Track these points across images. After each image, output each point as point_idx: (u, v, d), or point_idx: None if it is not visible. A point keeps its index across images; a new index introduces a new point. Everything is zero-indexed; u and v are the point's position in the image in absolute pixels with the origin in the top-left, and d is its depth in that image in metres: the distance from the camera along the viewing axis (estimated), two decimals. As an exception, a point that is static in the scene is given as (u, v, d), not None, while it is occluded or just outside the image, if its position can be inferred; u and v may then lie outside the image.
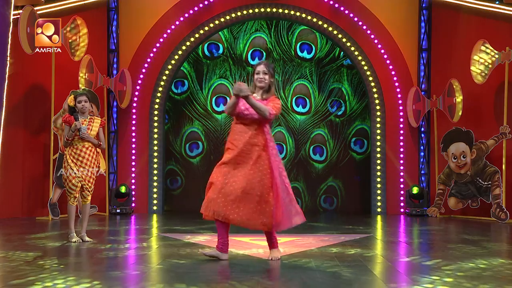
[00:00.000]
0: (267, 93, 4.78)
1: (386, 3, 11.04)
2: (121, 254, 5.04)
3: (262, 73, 4.78)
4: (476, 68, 9.47)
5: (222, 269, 4.22)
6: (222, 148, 11.98)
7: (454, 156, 9.86)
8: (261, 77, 4.77)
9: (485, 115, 9.93)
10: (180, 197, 11.89)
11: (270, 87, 4.80)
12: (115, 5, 11.07)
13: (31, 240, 6.02)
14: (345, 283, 3.67)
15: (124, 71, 10.66)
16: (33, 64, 9.36)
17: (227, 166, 4.70)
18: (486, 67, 9.36)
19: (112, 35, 11.04)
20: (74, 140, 5.85)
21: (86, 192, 5.94)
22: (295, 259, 4.76)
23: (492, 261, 4.65)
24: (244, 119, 4.69)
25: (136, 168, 10.90)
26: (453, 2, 10.40)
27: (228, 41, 11.95)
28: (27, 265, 4.31)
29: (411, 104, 10.57)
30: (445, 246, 5.83)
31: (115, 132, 11.01)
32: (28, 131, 9.52)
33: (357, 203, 11.77)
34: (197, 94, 11.98)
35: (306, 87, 11.94)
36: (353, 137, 11.92)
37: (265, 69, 4.78)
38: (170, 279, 3.82)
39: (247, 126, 4.68)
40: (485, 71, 9.37)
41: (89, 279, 3.73)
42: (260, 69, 4.79)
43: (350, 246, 5.63)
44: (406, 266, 4.58)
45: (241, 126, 4.70)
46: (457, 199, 9.91)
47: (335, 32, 10.89)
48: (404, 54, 10.88)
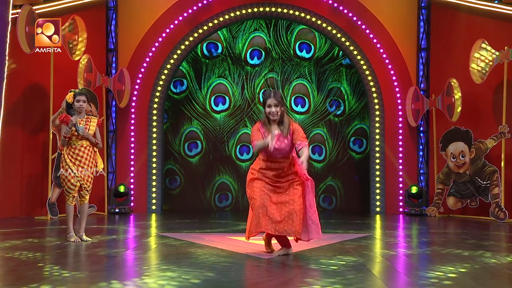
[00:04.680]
0: (282, 123, 4.88)
1: (385, 3, 11.03)
2: (119, 254, 5.04)
3: (274, 106, 4.84)
4: (475, 67, 9.48)
5: (222, 268, 4.21)
6: (220, 147, 12.06)
7: (453, 155, 9.86)
8: (274, 111, 4.84)
9: (484, 114, 9.93)
10: (179, 197, 11.88)
11: (283, 117, 4.89)
12: (114, 5, 11.06)
13: (30, 239, 6.01)
14: (345, 283, 3.66)
15: (123, 70, 10.65)
16: (32, 64, 9.35)
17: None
18: (485, 66, 9.36)
19: (111, 34, 11.03)
20: (72, 140, 5.84)
21: (85, 191, 5.93)
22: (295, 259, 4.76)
23: (492, 261, 4.64)
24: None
25: (135, 167, 10.89)
26: (452, 2, 10.40)
27: (227, 41, 11.95)
28: (26, 265, 4.30)
29: (410, 103, 10.57)
30: (444, 245, 5.83)
31: (114, 132, 11.00)
32: (27, 130, 9.51)
33: (356, 203, 11.78)
34: (196, 94, 11.97)
35: (305, 87, 11.95)
36: (352, 137, 11.92)
37: (275, 101, 4.84)
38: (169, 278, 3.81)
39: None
40: (484, 71, 9.37)
41: (88, 279, 3.72)
42: (271, 102, 4.84)
43: (349, 246, 5.63)
44: (405, 266, 4.57)
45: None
46: (456, 198, 9.92)
47: (334, 32, 10.89)
48: (403, 53, 10.87)
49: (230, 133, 11.95)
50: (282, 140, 4.80)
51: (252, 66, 12.03)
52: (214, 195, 11.84)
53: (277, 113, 4.84)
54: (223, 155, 11.94)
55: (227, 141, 11.97)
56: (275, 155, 4.80)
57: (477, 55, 9.42)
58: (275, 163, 4.85)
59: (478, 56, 9.41)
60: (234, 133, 11.94)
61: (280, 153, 4.80)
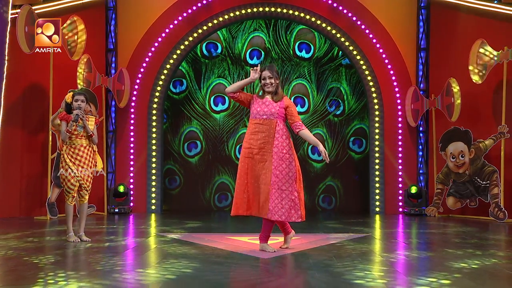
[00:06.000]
0: (277, 94, 5.20)
1: (384, 3, 11.03)
2: (119, 254, 5.04)
3: (268, 78, 5.18)
4: (474, 67, 9.48)
5: (221, 268, 4.21)
6: (220, 147, 12.07)
7: (453, 155, 9.86)
8: (268, 83, 5.18)
9: (483, 114, 9.94)
10: (178, 197, 11.88)
11: (278, 89, 5.22)
12: (113, 5, 11.05)
13: (29, 239, 6.01)
14: (344, 283, 3.67)
15: (123, 70, 10.65)
16: (31, 64, 9.35)
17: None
18: (484, 66, 9.36)
19: (111, 34, 11.03)
20: (71, 139, 5.84)
21: (84, 191, 5.93)
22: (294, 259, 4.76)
23: (491, 261, 4.65)
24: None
25: (134, 167, 10.89)
26: (452, 2, 10.40)
27: (227, 41, 11.94)
28: (25, 265, 4.30)
29: (410, 103, 10.57)
30: (443, 245, 5.84)
31: (114, 132, 10.99)
32: (26, 130, 9.51)
33: (356, 203, 11.78)
34: (195, 94, 11.97)
35: (304, 87, 11.95)
36: (352, 137, 11.92)
37: (270, 74, 5.17)
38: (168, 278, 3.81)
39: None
40: (483, 71, 9.38)
41: (87, 279, 3.72)
42: (265, 74, 5.19)
43: (349, 246, 5.63)
44: (405, 266, 4.57)
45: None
46: (456, 198, 9.92)
47: (333, 32, 10.89)
48: (403, 53, 10.88)
49: (230, 133, 11.95)
50: (272, 105, 5.14)
51: (251, 66, 11.99)
52: (213, 195, 11.84)
53: (271, 84, 5.17)
54: (223, 155, 11.94)
55: (226, 141, 11.97)
56: (261, 116, 5.13)
57: (477, 55, 9.42)
58: (261, 125, 5.11)
59: (478, 56, 9.41)
60: (233, 133, 11.94)
61: (266, 114, 5.12)
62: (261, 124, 5.11)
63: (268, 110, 5.11)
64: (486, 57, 9.32)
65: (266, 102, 5.16)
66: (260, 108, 5.13)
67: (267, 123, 5.10)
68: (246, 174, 5.11)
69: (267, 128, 5.09)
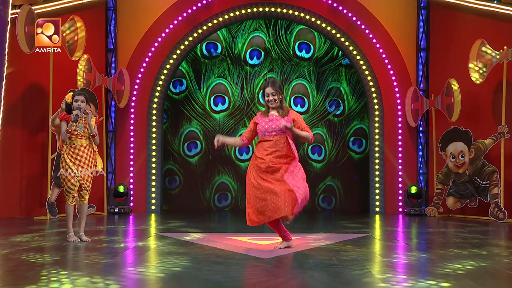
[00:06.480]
0: (282, 109, 5.24)
1: (384, 3, 11.03)
2: (119, 254, 5.04)
3: (271, 95, 5.22)
4: (474, 65, 9.48)
5: (221, 268, 4.21)
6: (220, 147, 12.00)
7: (453, 155, 9.86)
8: (271, 99, 5.22)
9: (483, 114, 9.94)
10: (178, 197, 11.88)
11: (282, 103, 5.26)
12: (113, 5, 11.05)
13: (29, 239, 6.01)
14: (344, 283, 3.67)
15: (122, 70, 10.65)
16: (31, 64, 9.34)
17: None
18: (484, 66, 9.36)
19: (110, 34, 11.03)
20: (72, 139, 5.85)
21: (84, 191, 5.93)
22: (294, 259, 4.76)
23: (491, 261, 4.65)
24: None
25: (134, 167, 10.89)
26: (452, 2, 10.41)
27: (227, 41, 11.94)
28: (25, 265, 4.30)
29: (410, 103, 10.57)
30: (443, 245, 5.83)
31: (114, 132, 11.00)
32: (26, 130, 9.51)
33: (356, 203, 11.78)
34: (195, 94, 11.97)
35: (304, 87, 11.94)
36: (352, 137, 11.92)
37: (272, 90, 5.22)
38: (168, 278, 3.81)
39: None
40: (483, 69, 9.38)
41: (87, 279, 3.72)
42: (269, 91, 5.24)
43: (349, 246, 5.63)
44: (405, 266, 4.57)
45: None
46: (456, 198, 9.92)
47: (333, 32, 10.89)
48: (403, 53, 10.88)
49: (230, 133, 11.94)
50: (279, 121, 5.15)
51: (251, 66, 12.03)
52: (213, 195, 11.84)
53: (275, 100, 5.21)
54: (223, 155, 11.94)
55: (226, 141, 11.95)
56: (270, 133, 5.18)
57: (477, 55, 9.42)
58: (271, 142, 5.15)
59: (478, 56, 9.41)
60: (233, 133, 11.93)
61: (275, 131, 5.16)
62: (271, 141, 5.15)
63: (276, 126, 5.15)
64: (487, 56, 9.32)
65: (273, 118, 5.20)
66: (268, 126, 5.18)
67: (277, 139, 5.15)
68: (255, 187, 5.12)
69: (277, 143, 5.13)
